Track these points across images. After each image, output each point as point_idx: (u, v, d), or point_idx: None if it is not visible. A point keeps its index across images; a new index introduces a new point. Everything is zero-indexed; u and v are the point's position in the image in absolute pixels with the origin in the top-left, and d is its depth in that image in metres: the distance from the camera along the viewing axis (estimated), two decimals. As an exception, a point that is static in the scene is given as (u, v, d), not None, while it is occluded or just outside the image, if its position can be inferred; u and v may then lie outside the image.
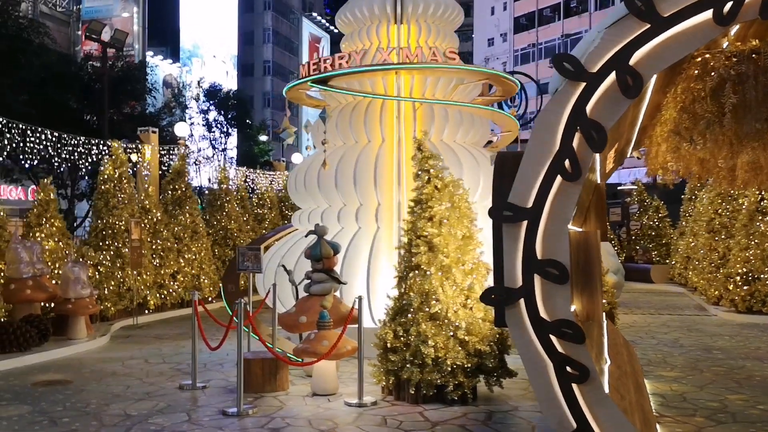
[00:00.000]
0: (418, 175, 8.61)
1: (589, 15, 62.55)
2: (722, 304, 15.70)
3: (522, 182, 6.13)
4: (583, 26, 63.27)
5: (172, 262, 16.36)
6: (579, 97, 5.97)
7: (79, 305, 12.07)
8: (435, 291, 8.09)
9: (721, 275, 16.02)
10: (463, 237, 8.40)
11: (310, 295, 9.32)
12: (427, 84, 11.74)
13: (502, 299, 6.12)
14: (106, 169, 15.38)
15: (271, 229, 22.11)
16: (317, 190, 11.58)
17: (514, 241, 6.13)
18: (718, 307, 15.81)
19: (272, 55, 64.21)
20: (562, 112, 6.04)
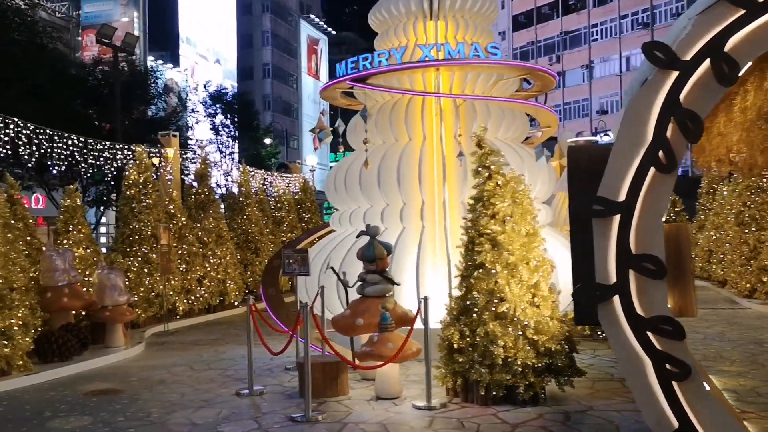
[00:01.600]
0: (478, 172, 8.43)
1: (588, 12, 62.46)
2: (756, 297, 15.57)
3: (612, 175, 5.96)
4: (582, 23, 63.16)
5: (198, 267, 16.14)
6: (672, 86, 5.81)
7: (117, 312, 11.84)
8: (501, 289, 7.91)
9: (753, 267, 15.89)
10: (527, 234, 8.22)
11: (364, 297, 9.14)
12: (467, 80, 11.56)
13: (596, 296, 5.96)
14: (131, 174, 15.14)
15: (290, 232, 21.94)
16: (359, 190, 11.37)
17: (606, 236, 5.96)
18: (752, 300, 15.68)
19: (271, 57, 63.90)
20: (654, 102, 5.88)
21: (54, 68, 22.29)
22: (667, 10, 55.91)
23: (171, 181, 16.72)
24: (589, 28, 62.47)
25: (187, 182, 20.12)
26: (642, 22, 57.56)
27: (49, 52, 22.41)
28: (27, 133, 13.57)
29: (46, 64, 21.45)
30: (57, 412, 8.03)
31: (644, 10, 57.63)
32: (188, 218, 16.46)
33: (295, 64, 68.60)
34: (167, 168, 16.68)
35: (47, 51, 22.27)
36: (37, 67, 20.68)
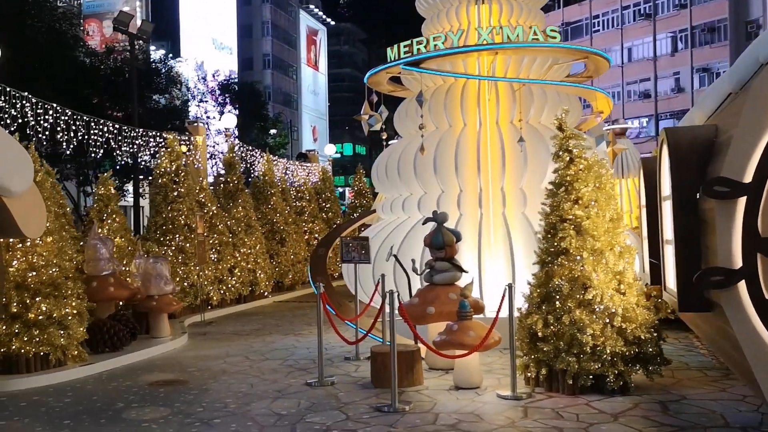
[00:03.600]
0: (559, 156, 8.18)
1: (590, 2, 62.12)
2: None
3: (737, 155, 5.72)
4: (584, 14, 62.86)
5: (229, 256, 15.84)
6: (803, 63, 5.59)
7: (163, 302, 11.55)
8: (587, 276, 7.69)
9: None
10: (611, 219, 8.00)
11: (433, 284, 8.91)
12: (523, 64, 11.31)
13: (718, 282, 5.74)
14: (162, 162, 14.81)
15: (311, 222, 21.65)
16: (413, 176, 11.11)
17: (730, 219, 5.72)
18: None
19: (271, 48, 63.40)
20: (781, 79, 5.65)
21: (70, 56, 21.83)
22: (668, 0, 55.77)
23: (200, 170, 16.39)
24: (591, 19, 62.22)
25: (213, 171, 19.77)
26: (644, 12, 57.39)
27: (68, 39, 21.92)
28: (65, 119, 13.21)
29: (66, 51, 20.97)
30: (129, 403, 7.76)
31: (646, 1, 57.45)
32: (218, 207, 16.14)
33: (295, 55, 68.14)
34: (196, 156, 16.35)
35: (66, 38, 21.78)
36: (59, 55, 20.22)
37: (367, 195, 25.15)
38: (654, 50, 55.59)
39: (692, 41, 53.15)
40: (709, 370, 8.65)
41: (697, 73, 53.23)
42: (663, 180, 7.84)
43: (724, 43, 50.67)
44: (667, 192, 7.55)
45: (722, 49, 50.84)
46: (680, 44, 54.19)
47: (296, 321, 13.88)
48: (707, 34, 52.47)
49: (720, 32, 51.51)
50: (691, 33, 53.11)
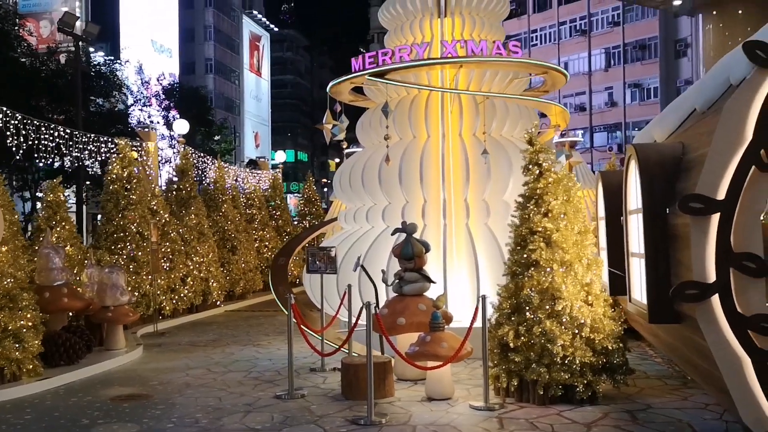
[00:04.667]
0: (529, 169, 8.33)
1: (528, 17, 63.39)
2: None
3: (711, 173, 5.94)
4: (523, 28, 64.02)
5: (182, 265, 15.53)
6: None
7: (119, 313, 11.24)
8: (557, 288, 7.85)
9: None
10: (579, 232, 8.19)
11: (402, 295, 8.94)
12: (485, 77, 11.49)
13: (692, 295, 5.94)
14: (114, 168, 14.44)
15: (261, 230, 21.43)
16: (377, 186, 11.14)
17: (704, 234, 5.94)
18: None
19: (214, 52, 62.55)
20: (753, 100, 5.88)
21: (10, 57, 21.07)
22: (603, 18, 57.46)
23: (151, 177, 16.03)
24: (529, 33, 63.49)
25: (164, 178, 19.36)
26: (580, 29, 58.95)
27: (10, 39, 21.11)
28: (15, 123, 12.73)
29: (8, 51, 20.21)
30: (94, 420, 7.51)
31: (582, 18, 59.00)
32: (170, 215, 15.82)
33: (238, 60, 67.42)
34: (147, 163, 15.98)
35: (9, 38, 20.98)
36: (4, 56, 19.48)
37: (317, 203, 25.07)
38: (589, 65, 57.16)
39: (624, 58, 54.93)
40: (667, 378, 8.93)
41: (629, 88, 55.06)
42: (629, 194, 8.06)
43: (654, 60, 52.64)
44: (634, 206, 7.78)
45: (652, 65, 52.80)
46: (613, 60, 55.93)
47: (252, 331, 13.70)
48: (638, 51, 54.36)
49: (650, 50, 53.43)
50: (623, 50, 54.90)
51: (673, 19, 48.75)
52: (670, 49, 52.14)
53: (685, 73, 50.23)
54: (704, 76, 8.05)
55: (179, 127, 17.80)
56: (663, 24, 51.11)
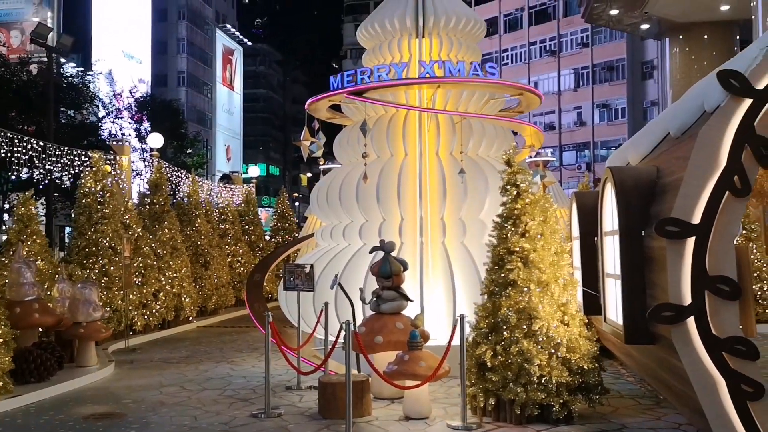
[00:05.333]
0: (506, 190, 8.44)
1: (499, 37, 64.07)
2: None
3: (686, 197, 6.09)
4: (494, 47, 64.72)
5: (154, 280, 15.37)
6: (746, 114, 6.01)
7: (92, 329, 11.08)
8: (534, 308, 7.94)
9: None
10: (555, 252, 8.30)
11: (380, 313, 8.97)
12: (462, 97, 11.63)
13: (668, 317, 6.06)
14: (87, 181, 14.27)
15: (234, 245, 21.30)
16: (355, 204, 11.17)
17: (680, 257, 6.07)
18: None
19: (187, 65, 62.26)
20: (726, 127, 6.06)
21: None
22: (572, 39, 58.42)
23: (125, 190, 15.88)
24: (501, 53, 64.23)
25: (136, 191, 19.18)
26: (549, 49, 59.85)
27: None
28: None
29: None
30: (68, 439, 7.40)
31: (551, 39, 59.92)
32: (143, 229, 15.66)
33: (210, 74, 67.17)
34: (121, 176, 15.83)
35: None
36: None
37: (290, 218, 25.02)
38: (558, 85, 58.02)
39: (593, 78, 55.90)
40: (640, 398, 9.05)
41: (597, 108, 56.01)
42: (605, 215, 8.19)
43: (622, 81, 53.71)
44: (609, 227, 7.92)
45: (620, 86, 53.87)
46: (582, 81, 56.86)
47: (226, 348, 13.59)
48: (606, 72, 55.38)
49: (618, 71, 54.49)
50: (592, 71, 55.87)
51: (639, 42, 49.81)
52: (636, 70, 53.30)
53: (651, 94, 51.28)
54: (678, 101, 8.24)
55: (153, 141, 17.65)
56: (630, 46, 52.24)
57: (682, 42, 31.91)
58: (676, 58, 32.54)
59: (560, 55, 58.40)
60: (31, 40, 20.29)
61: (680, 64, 32.14)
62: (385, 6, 12.59)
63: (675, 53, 32.58)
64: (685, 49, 31.79)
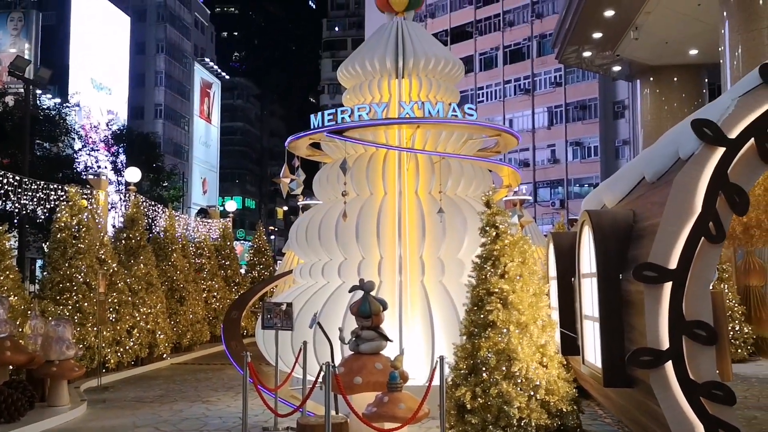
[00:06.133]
0: (485, 231, 8.53)
1: (475, 75, 64.86)
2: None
3: (663, 243, 6.21)
4: (470, 85, 65.55)
5: (128, 316, 15.17)
6: (720, 162, 6.18)
7: (64, 368, 10.88)
8: (513, 349, 7.98)
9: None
10: (534, 293, 8.38)
11: (359, 353, 8.93)
12: (441, 138, 11.78)
13: (647, 362, 6.13)
14: (63, 216, 14.13)
15: (210, 280, 21.15)
16: (334, 242, 11.19)
17: (657, 302, 6.17)
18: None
19: (164, 98, 62.28)
20: (701, 175, 6.22)
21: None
22: (546, 78, 59.46)
23: (101, 225, 15.74)
24: (476, 90, 65.07)
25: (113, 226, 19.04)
26: (524, 88, 60.79)
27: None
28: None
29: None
30: (39, 483, 7.22)
31: (526, 77, 60.90)
32: (118, 264, 15.50)
33: (188, 107, 67.21)
34: (97, 211, 15.70)
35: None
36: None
37: (267, 253, 24.92)
38: (533, 123, 58.87)
39: (566, 117, 56.84)
40: (618, 439, 9.08)
41: (571, 146, 56.82)
42: (582, 257, 8.31)
43: (594, 120, 54.72)
44: (587, 269, 8.03)
45: (593, 125, 54.85)
46: (555, 119, 57.80)
47: (201, 386, 13.41)
48: (579, 111, 56.39)
49: (591, 110, 55.52)
50: (565, 109, 56.83)
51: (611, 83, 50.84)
52: (608, 110, 54.36)
53: (623, 133, 52.23)
54: (652, 146, 8.43)
55: (131, 175, 17.56)
56: (602, 87, 53.33)
57: (652, 84, 32.67)
58: (646, 99, 33.27)
59: (534, 94, 59.39)
60: (8, 73, 20.15)
61: (651, 105, 32.86)
62: (365, 46, 12.78)
63: (646, 94, 33.32)
64: (655, 90, 32.54)
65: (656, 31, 26.04)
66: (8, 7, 47.72)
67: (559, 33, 31.69)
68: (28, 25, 45.63)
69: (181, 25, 66.99)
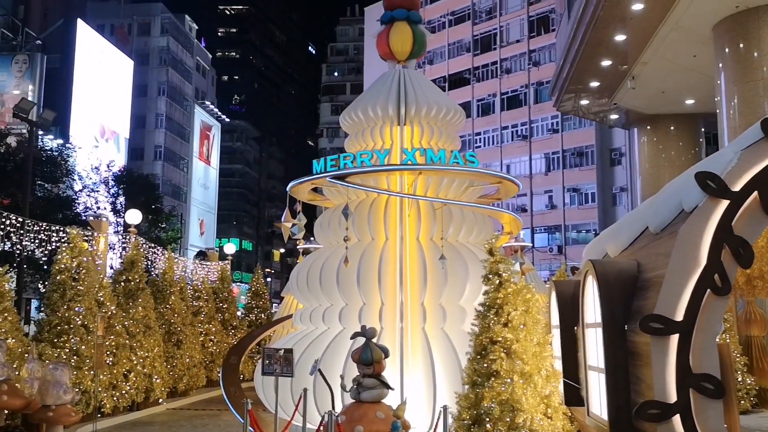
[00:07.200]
0: (489, 279, 8.52)
1: (472, 120, 65.28)
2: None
3: (669, 295, 6.22)
4: (467, 130, 65.90)
5: (125, 360, 15.02)
6: (724, 214, 6.23)
7: (61, 413, 10.71)
8: (517, 400, 7.90)
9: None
10: (538, 342, 8.34)
11: (360, 402, 8.85)
12: (443, 184, 11.85)
13: (654, 415, 6.08)
14: (63, 257, 14.08)
15: (207, 323, 21.00)
16: (335, 287, 11.17)
17: (664, 354, 6.15)
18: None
19: (164, 140, 62.72)
20: (705, 227, 6.26)
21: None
22: (543, 125, 60.00)
23: (100, 267, 15.68)
24: (473, 135, 65.55)
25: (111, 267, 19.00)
26: (521, 134, 61.29)
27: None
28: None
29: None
30: None
31: (523, 124, 61.45)
32: (117, 307, 15.40)
33: (188, 148, 67.60)
34: (97, 253, 15.66)
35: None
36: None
37: (265, 296, 24.81)
38: (530, 169, 59.21)
39: (563, 163, 57.18)
40: (622, 492, 8.91)
41: (568, 192, 57.03)
42: (586, 307, 8.29)
43: (591, 167, 55.03)
44: (591, 319, 8.00)
45: (590, 171, 55.15)
46: (553, 165, 58.17)
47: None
48: (576, 157, 56.74)
49: (588, 157, 55.88)
50: (562, 155, 57.20)
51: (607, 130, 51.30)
52: (605, 157, 54.73)
53: (620, 180, 52.53)
54: (655, 197, 8.49)
55: (131, 217, 17.58)
56: (599, 134, 53.80)
57: (649, 132, 32.96)
58: (644, 148, 33.52)
59: (531, 140, 59.83)
60: (13, 115, 20.31)
61: (648, 153, 33.09)
62: (367, 94, 12.94)
63: (643, 143, 33.59)
64: (652, 138, 32.81)
65: (653, 81, 26.38)
66: (13, 49, 48.31)
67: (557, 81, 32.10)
68: (32, 68, 46.13)
69: (183, 68, 67.82)
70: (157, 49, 64.28)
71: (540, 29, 58.37)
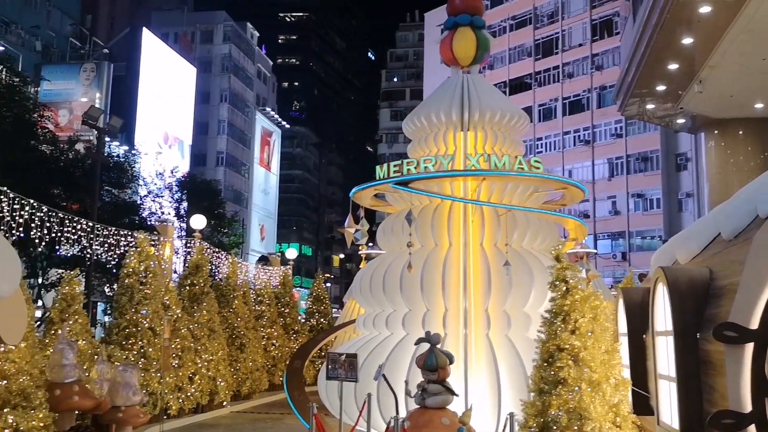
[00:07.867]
0: (555, 285, 8.41)
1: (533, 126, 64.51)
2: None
3: (743, 303, 6.01)
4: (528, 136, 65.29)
5: (190, 363, 15.35)
6: (802, 216, 5.99)
7: (130, 414, 11.01)
8: (586, 408, 7.76)
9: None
10: (606, 351, 8.18)
11: (425, 408, 8.82)
12: (507, 190, 11.75)
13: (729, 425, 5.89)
14: (131, 261, 14.50)
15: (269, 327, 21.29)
16: (398, 293, 11.18)
17: (739, 363, 5.94)
18: None
19: (226, 146, 64.00)
20: (782, 231, 6.03)
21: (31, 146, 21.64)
22: (606, 130, 58.82)
23: (166, 271, 16.09)
24: (535, 141, 64.78)
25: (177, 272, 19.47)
26: (583, 139, 60.23)
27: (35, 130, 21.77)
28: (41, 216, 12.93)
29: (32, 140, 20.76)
30: None
31: (585, 129, 60.39)
32: (182, 311, 15.76)
33: (249, 154, 68.78)
34: (164, 257, 16.08)
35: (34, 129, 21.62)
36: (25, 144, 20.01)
37: (326, 301, 25.02)
38: (593, 174, 58.13)
39: (627, 168, 55.90)
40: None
41: (632, 197, 55.73)
42: (656, 315, 8.09)
43: (656, 172, 53.62)
44: (661, 327, 7.81)
45: (655, 177, 53.75)
46: (616, 170, 56.98)
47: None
48: (641, 162, 55.38)
49: (652, 162, 54.47)
50: (626, 161, 55.94)
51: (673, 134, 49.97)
52: (671, 162, 53.24)
53: (686, 186, 51.06)
54: (728, 202, 8.23)
55: (196, 222, 18.00)
56: (664, 138, 52.44)
57: (717, 137, 31.99)
58: (711, 153, 32.54)
59: (594, 145, 58.75)
60: (82, 122, 21.02)
61: (716, 159, 32.11)
62: (431, 99, 12.94)
63: (711, 147, 32.62)
64: (720, 143, 31.84)
65: (721, 85, 25.60)
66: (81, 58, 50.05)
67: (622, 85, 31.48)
68: (99, 76, 47.69)
69: (245, 75, 69.09)
70: (220, 57, 65.65)
71: (603, 33, 57.34)
